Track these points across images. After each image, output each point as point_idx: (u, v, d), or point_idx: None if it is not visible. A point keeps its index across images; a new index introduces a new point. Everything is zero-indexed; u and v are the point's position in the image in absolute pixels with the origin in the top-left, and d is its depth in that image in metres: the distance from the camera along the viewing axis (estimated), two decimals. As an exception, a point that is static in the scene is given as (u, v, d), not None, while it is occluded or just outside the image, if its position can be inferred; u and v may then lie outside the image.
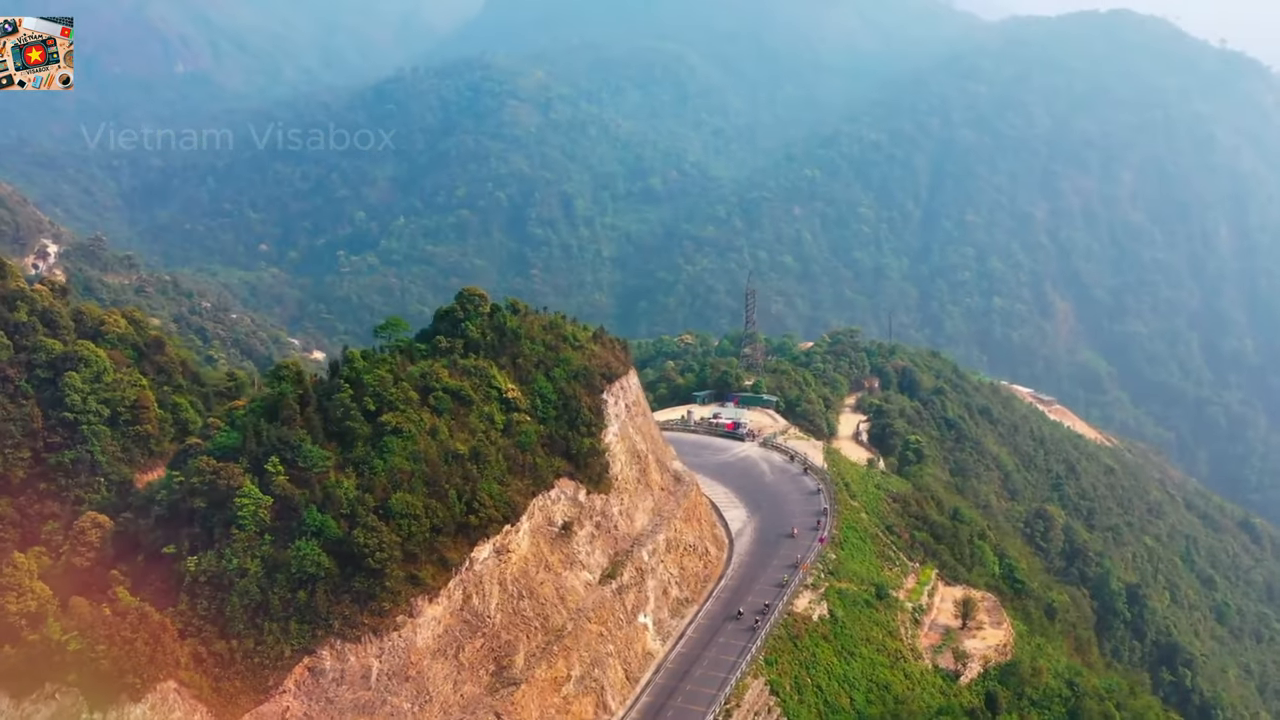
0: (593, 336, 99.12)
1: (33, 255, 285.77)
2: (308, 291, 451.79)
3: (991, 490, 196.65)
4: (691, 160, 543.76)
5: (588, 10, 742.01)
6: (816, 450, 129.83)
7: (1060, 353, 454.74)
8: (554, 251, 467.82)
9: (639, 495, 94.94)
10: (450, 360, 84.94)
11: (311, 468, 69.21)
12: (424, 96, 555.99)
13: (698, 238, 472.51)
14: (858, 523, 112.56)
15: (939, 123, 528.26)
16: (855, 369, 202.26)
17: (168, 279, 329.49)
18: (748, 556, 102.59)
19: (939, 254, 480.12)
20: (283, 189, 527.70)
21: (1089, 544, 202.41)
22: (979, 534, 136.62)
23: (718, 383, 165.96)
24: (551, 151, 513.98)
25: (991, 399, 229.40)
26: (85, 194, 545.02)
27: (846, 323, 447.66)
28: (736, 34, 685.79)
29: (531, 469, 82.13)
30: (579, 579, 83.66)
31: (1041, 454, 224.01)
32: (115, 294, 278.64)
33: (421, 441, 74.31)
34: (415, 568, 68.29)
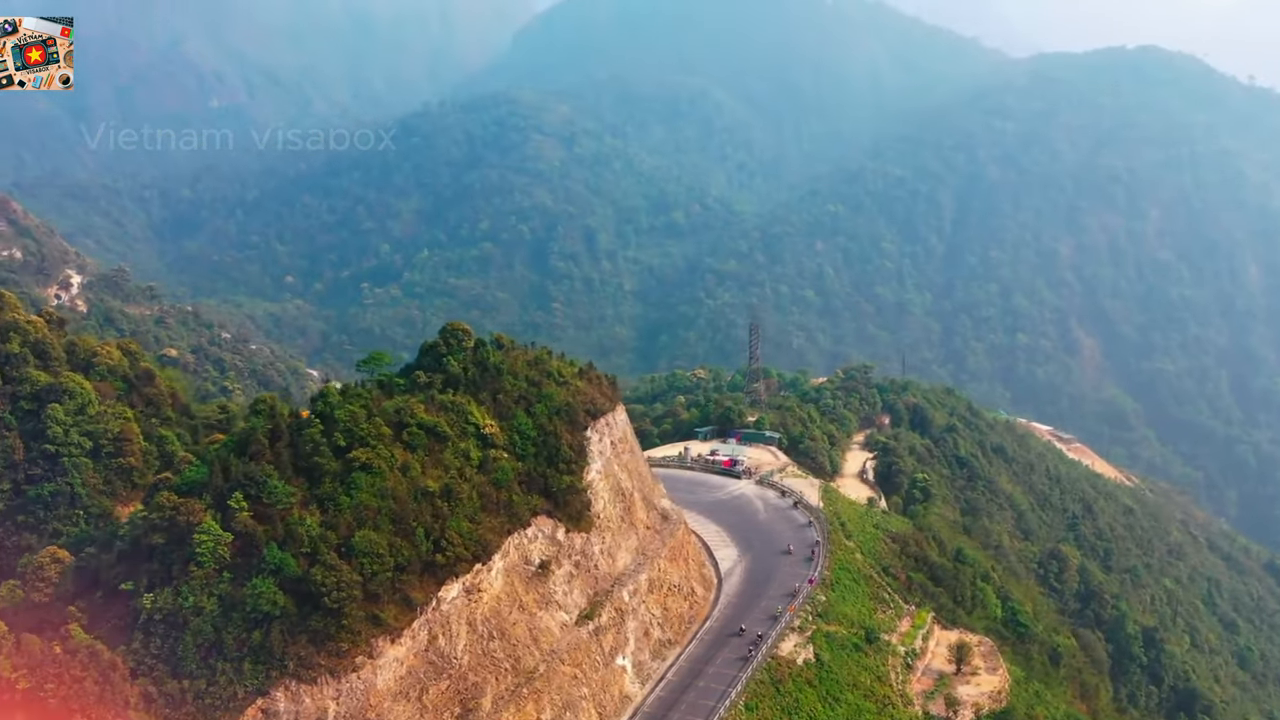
0: (578, 372, 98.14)
1: (55, 286, 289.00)
2: (331, 323, 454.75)
3: (1004, 530, 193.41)
4: (715, 194, 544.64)
5: (615, 47, 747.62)
6: (813, 488, 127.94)
7: (1086, 390, 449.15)
8: (576, 285, 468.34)
9: (622, 534, 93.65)
10: (428, 396, 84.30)
11: (275, 504, 68.52)
12: (449, 131, 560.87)
13: (719, 272, 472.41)
14: (851, 563, 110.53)
15: (964, 159, 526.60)
16: (866, 405, 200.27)
17: (189, 310, 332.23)
18: (736, 598, 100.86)
19: (963, 290, 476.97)
20: (310, 221, 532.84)
21: (1105, 586, 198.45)
22: (982, 576, 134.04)
23: (720, 419, 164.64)
24: (575, 185, 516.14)
25: (1006, 437, 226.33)
26: (116, 226, 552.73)
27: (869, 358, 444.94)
28: (763, 70, 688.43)
29: (507, 506, 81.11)
30: (555, 619, 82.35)
31: (1057, 493, 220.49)
32: (135, 324, 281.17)
33: (391, 478, 73.54)
34: (377, 607, 67.27)
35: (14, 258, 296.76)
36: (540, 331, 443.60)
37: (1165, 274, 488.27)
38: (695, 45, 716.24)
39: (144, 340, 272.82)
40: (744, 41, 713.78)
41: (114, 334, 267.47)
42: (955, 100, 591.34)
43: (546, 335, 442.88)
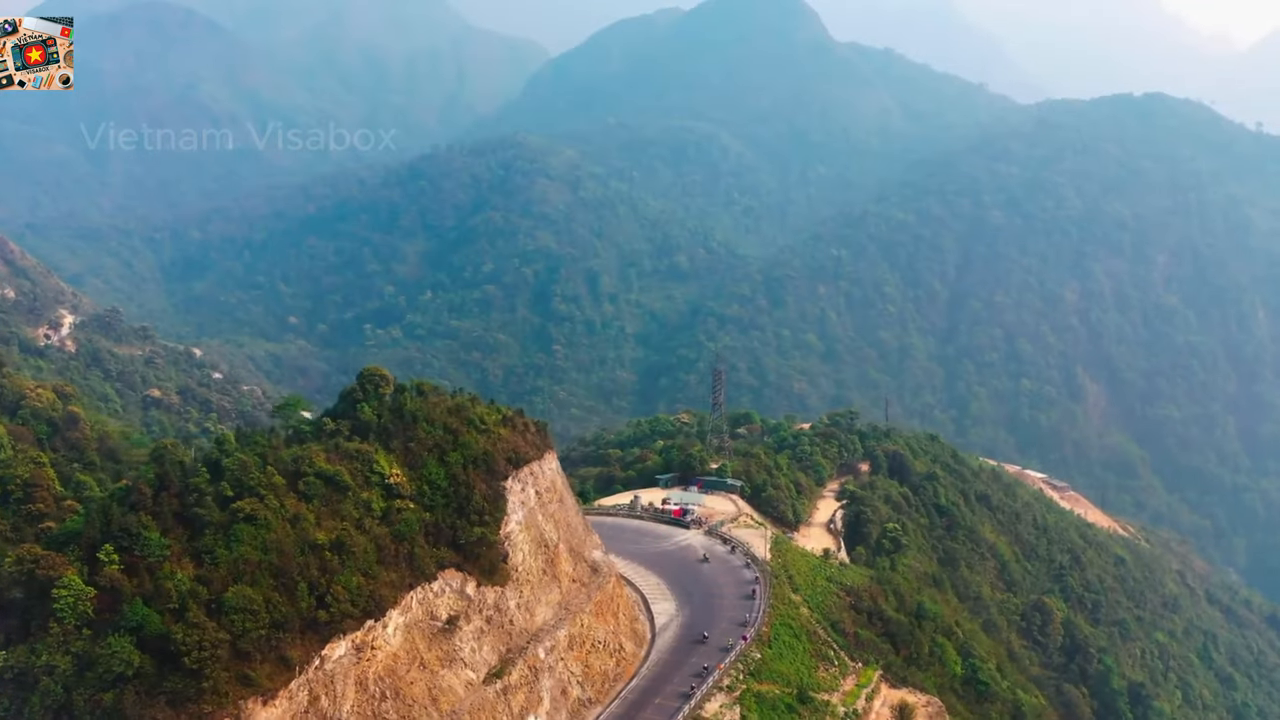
0: (502, 420, 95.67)
1: (45, 326, 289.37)
2: (332, 363, 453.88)
3: (985, 581, 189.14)
4: (719, 238, 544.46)
5: (625, 92, 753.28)
6: (763, 539, 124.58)
7: (1090, 436, 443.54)
8: (577, 327, 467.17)
9: (543, 587, 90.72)
10: (334, 443, 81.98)
11: (148, 557, 66.04)
12: (456, 174, 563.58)
13: (721, 315, 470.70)
14: (795, 618, 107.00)
15: (969, 203, 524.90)
16: (846, 452, 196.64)
17: (181, 350, 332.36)
18: (667, 654, 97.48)
19: (966, 335, 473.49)
20: (315, 263, 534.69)
21: (1091, 639, 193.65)
22: (944, 631, 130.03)
23: (682, 465, 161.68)
24: (579, 229, 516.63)
25: (992, 485, 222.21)
26: (125, 266, 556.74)
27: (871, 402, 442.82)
28: (770, 115, 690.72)
29: (409, 559, 78.46)
30: (459, 678, 79.35)
31: (1044, 543, 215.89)
32: (123, 364, 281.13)
33: (278, 530, 71.02)
34: (249, 667, 64.50)
35: (6, 296, 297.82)
36: (541, 373, 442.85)
37: (1172, 320, 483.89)
38: (704, 92, 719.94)
39: (130, 380, 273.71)
40: (753, 88, 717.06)
41: (99, 374, 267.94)
42: (960, 146, 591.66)
43: (548, 377, 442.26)
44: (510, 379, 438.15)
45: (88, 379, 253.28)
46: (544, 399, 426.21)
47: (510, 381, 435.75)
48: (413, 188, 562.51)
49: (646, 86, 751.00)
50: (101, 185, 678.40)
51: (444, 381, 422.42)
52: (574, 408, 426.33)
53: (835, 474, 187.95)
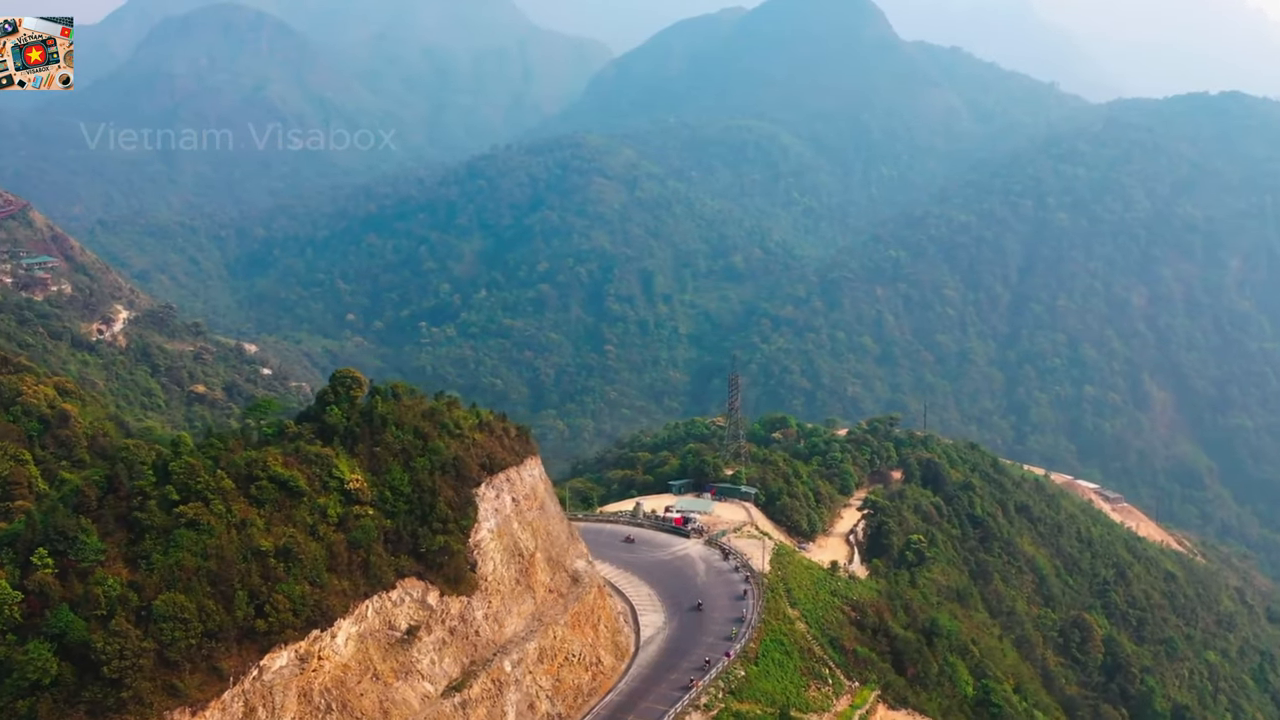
0: (479, 424, 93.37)
1: (98, 321, 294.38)
2: (387, 361, 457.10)
3: (1021, 595, 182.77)
4: (776, 239, 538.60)
5: (686, 92, 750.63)
6: (765, 550, 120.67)
7: (1156, 446, 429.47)
8: (630, 327, 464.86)
9: (515, 598, 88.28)
10: (295, 447, 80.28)
11: (82, 561, 64.84)
12: (514, 173, 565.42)
13: (775, 317, 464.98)
14: (789, 634, 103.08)
15: (1032, 205, 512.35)
16: (879, 459, 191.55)
17: (232, 346, 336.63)
18: (648, 669, 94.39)
19: (1028, 339, 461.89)
20: (374, 261, 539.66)
21: (1134, 658, 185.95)
22: (957, 649, 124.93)
23: (696, 471, 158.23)
24: (635, 228, 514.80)
25: (1033, 496, 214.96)
26: (191, 263, 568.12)
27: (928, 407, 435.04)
28: (833, 114, 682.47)
29: (364, 567, 76.43)
30: (415, 690, 77.22)
31: (1088, 557, 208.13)
32: (171, 360, 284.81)
33: (222, 536, 69.43)
34: (176, 676, 62.90)
35: (63, 292, 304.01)
36: (593, 373, 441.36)
37: (1244, 326, 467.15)
38: (766, 91, 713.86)
39: (177, 376, 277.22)
40: (816, 87, 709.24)
41: (146, 370, 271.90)
42: (1026, 146, 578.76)
43: (600, 376, 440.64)
44: (562, 378, 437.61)
45: (133, 374, 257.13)
46: (595, 398, 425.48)
47: (562, 381, 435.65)
48: (470, 187, 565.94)
49: (708, 86, 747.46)
50: (171, 183, 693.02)
51: (495, 380, 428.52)
52: (625, 408, 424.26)
53: (865, 482, 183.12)
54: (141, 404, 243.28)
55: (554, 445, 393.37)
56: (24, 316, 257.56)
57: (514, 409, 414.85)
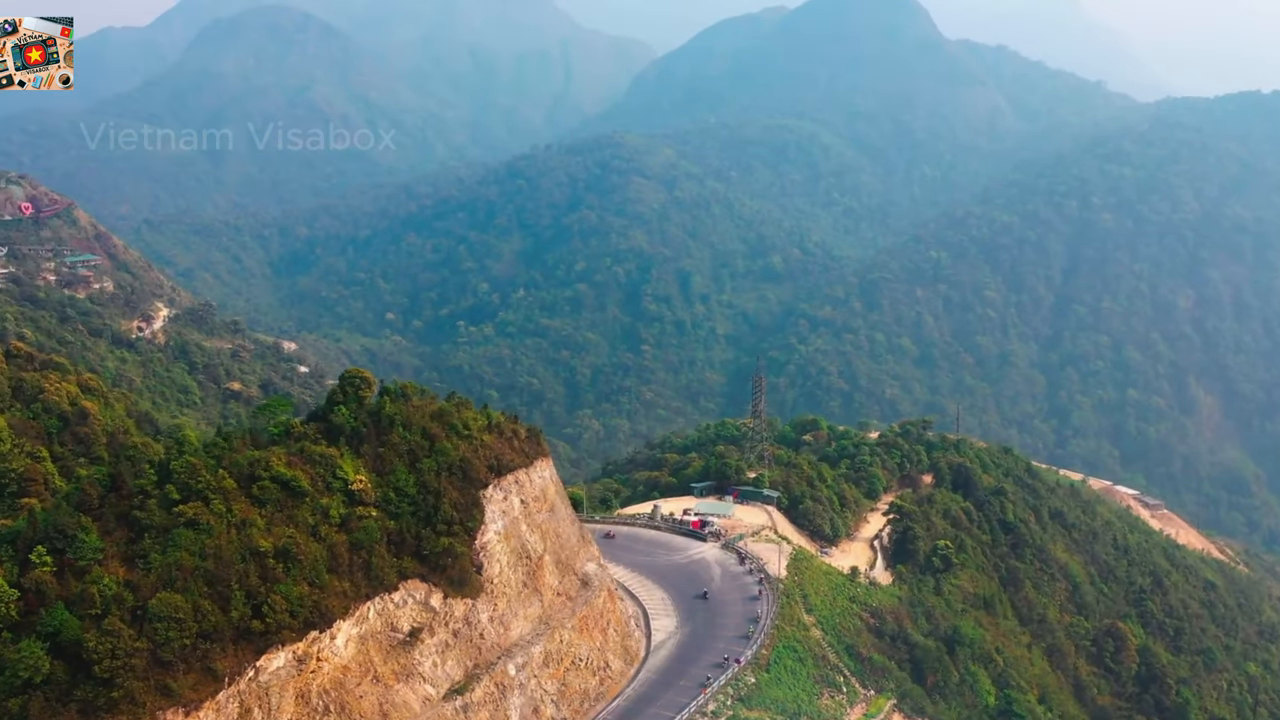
0: (488, 426, 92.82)
1: (139, 319, 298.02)
2: (425, 360, 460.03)
3: (1053, 603, 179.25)
4: (815, 239, 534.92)
5: (728, 91, 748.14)
6: (783, 555, 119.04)
7: (1202, 451, 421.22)
8: (667, 327, 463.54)
9: (522, 601, 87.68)
10: (300, 447, 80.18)
11: (79, 560, 65.06)
12: (553, 173, 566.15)
13: (813, 318, 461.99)
14: (803, 640, 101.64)
15: (1077, 205, 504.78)
16: (909, 463, 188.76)
17: (270, 344, 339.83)
18: (656, 674, 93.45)
19: (1070, 342, 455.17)
20: (413, 260, 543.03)
21: (1170, 669, 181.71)
22: (980, 658, 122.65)
23: (719, 474, 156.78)
24: (673, 228, 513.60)
25: (1069, 502, 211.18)
26: (235, 261, 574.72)
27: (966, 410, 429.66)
28: (875, 114, 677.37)
29: (365, 569, 76.14)
30: (416, 693, 76.85)
31: (1124, 564, 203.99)
32: (209, 358, 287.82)
33: (221, 536, 69.41)
34: (170, 677, 62.87)
35: (104, 290, 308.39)
36: (629, 373, 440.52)
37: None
38: (808, 90, 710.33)
39: (214, 373, 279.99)
40: (858, 87, 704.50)
41: (184, 367, 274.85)
42: (1072, 146, 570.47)
43: (635, 377, 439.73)
44: (598, 378, 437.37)
45: (170, 371, 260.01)
46: (631, 399, 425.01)
47: (598, 381, 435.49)
48: (510, 186, 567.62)
49: (749, 85, 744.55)
50: (217, 183, 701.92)
51: (532, 380, 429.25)
52: (660, 408, 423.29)
53: (895, 486, 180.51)
54: (178, 401, 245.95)
55: (589, 445, 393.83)
56: (65, 314, 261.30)
57: (550, 409, 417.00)
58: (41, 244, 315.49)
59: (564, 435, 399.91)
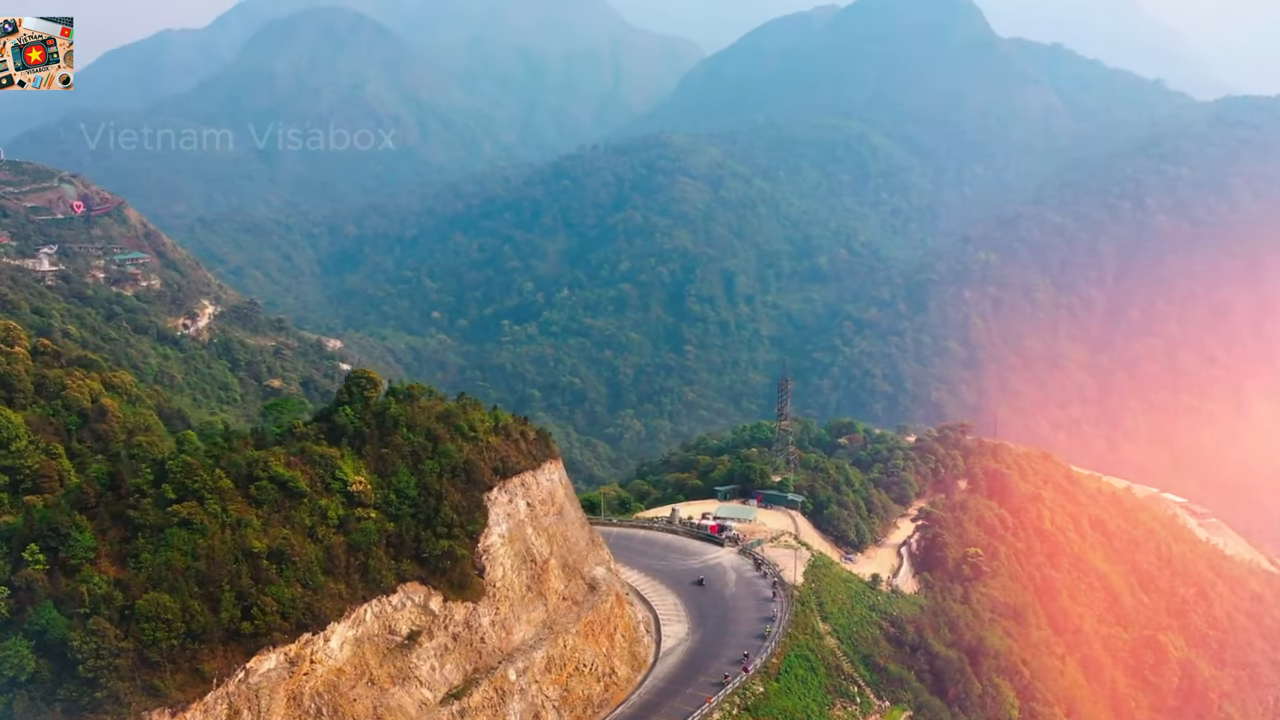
0: (495, 427, 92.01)
1: (184, 316, 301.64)
2: (469, 358, 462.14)
3: (1090, 613, 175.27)
4: (862, 240, 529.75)
5: (776, 91, 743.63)
6: (800, 561, 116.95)
7: (1258, 457, 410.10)
8: (710, 328, 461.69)
9: (525, 605, 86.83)
10: (301, 447, 79.93)
11: (71, 558, 65.23)
12: (599, 173, 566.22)
13: (858, 319, 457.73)
14: (816, 649, 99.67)
15: (1130, 206, 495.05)
16: (944, 468, 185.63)
17: (313, 341, 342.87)
18: (664, 681, 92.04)
19: (1123, 345, 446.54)
20: (459, 259, 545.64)
21: (1212, 683, 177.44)
22: (1006, 669, 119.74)
23: (743, 477, 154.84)
24: (718, 228, 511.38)
25: (1109, 509, 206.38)
26: (285, 259, 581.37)
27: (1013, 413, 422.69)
28: (926, 113, 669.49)
29: (362, 571, 75.68)
30: (412, 697, 76.26)
31: (1166, 574, 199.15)
32: (252, 355, 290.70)
33: (214, 536, 69.27)
34: (157, 677, 62.74)
35: (151, 288, 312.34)
36: (672, 373, 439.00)
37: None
38: (858, 90, 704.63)
39: (256, 370, 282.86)
40: (909, 86, 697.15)
41: (226, 364, 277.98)
42: (1127, 145, 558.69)
43: (678, 377, 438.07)
44: (640, 378, 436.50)
45: (211, 369, 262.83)
46: (673, 399, 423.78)
47: (640, 380, 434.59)
48: (556, 186, 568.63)
49: (799, 85, 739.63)
50: (270, 182, 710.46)
51: (574, 379, 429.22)
52: (702, 409, 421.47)
53: (928, 492, 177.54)
54: (218, 398, 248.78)
55: (630, 445, 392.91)
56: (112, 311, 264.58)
57: (592, 408, 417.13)
58: (92, 242, 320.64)
59: (605, 435, 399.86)
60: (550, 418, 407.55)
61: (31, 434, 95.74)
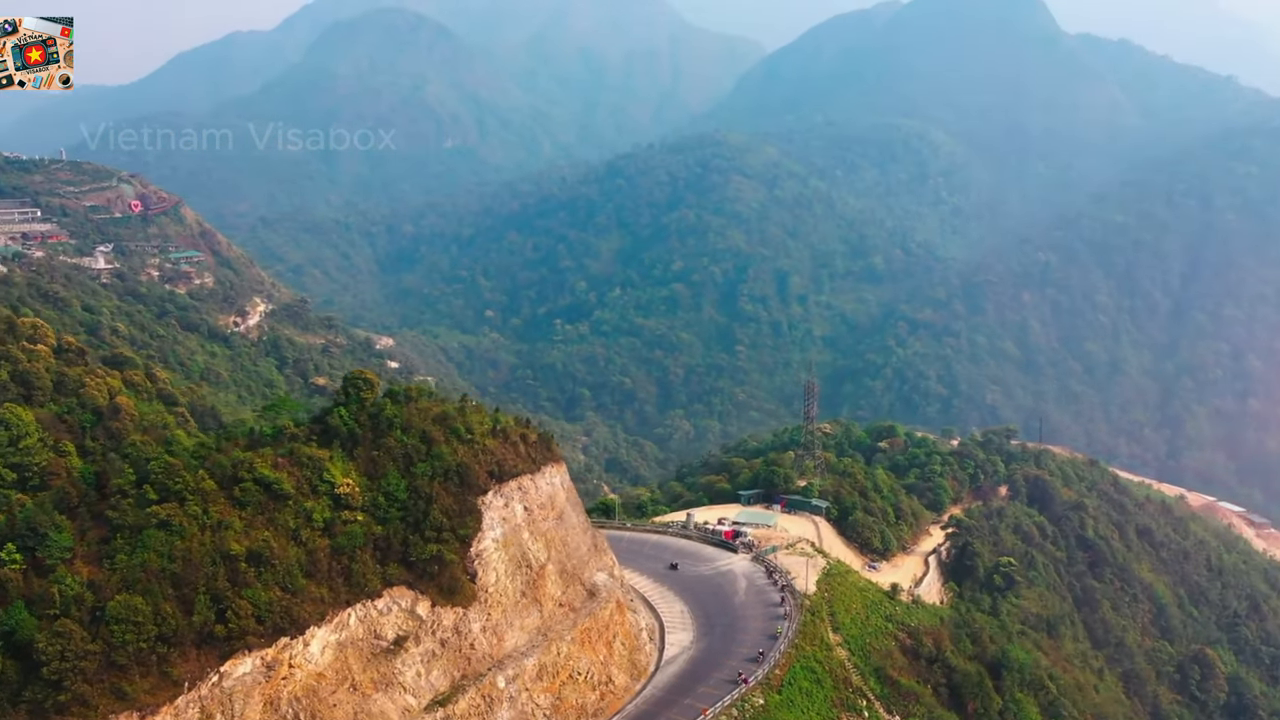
0: (493, 430, 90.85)
1: (235, 314, 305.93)
2: (521, 357, 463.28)
3: (1134, 626, 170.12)
4: (919, 240, 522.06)
5: (836, 89, 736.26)
6: (810, 568, 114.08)
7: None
8: (763, 328, 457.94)
9: (519, 611, 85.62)
10: (290, 449, 79.48)
11: (47, 558, 65.28)
12: (654, 172, 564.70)
13: (913, 320, 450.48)
14: (824, 661, 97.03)
15: (1197, 205, 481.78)
16: (983, 474, 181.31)
17: (362, 339, 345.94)
18: (663, 691, 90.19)
19: (1187, 349, 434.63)
20: (513, 258, 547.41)
21: (1262, 700, 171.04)
22: (1032, 684, 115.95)
23: (767, 482, 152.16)
24: (772, 228, 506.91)
25: (1158, 518, 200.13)
26: (343, 258, 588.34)
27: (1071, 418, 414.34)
28: (988, 110, 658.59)
29: (346, 574, 74.97)
30: (396, 703, 75.39)
31: (1217, 587, 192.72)
32: (299, 353, 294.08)
33: (192, 538, 68.95)
34: (125, 680, 62.47)
35: (205, 285, 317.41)
36: (723, 374, 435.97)
37: None
38: (918, 87, 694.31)
39: (302, 368, 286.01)
40: (971, 83, 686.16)
41: (273, 362, 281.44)
42: (1196, 143, 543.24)
43: (729, 378, 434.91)
44: (691, 378, 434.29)
45: (257, 366, 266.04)
46: (723, 399, 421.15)
47: (690, 381, 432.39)
48: (610, 185, 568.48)
49: (858, 83, 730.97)
50: (330, 182, 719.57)
51: (624, 379, 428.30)
52: (753, 409, 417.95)
53: (966, 498, 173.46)
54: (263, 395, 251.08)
55: (679, 446, 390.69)
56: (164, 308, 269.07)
57: (641, 408, 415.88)
58: (148, 240, 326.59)
59: (654, 435, 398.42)
60: (600, 417, 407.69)
61: (42, 431, 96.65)
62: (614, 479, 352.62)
